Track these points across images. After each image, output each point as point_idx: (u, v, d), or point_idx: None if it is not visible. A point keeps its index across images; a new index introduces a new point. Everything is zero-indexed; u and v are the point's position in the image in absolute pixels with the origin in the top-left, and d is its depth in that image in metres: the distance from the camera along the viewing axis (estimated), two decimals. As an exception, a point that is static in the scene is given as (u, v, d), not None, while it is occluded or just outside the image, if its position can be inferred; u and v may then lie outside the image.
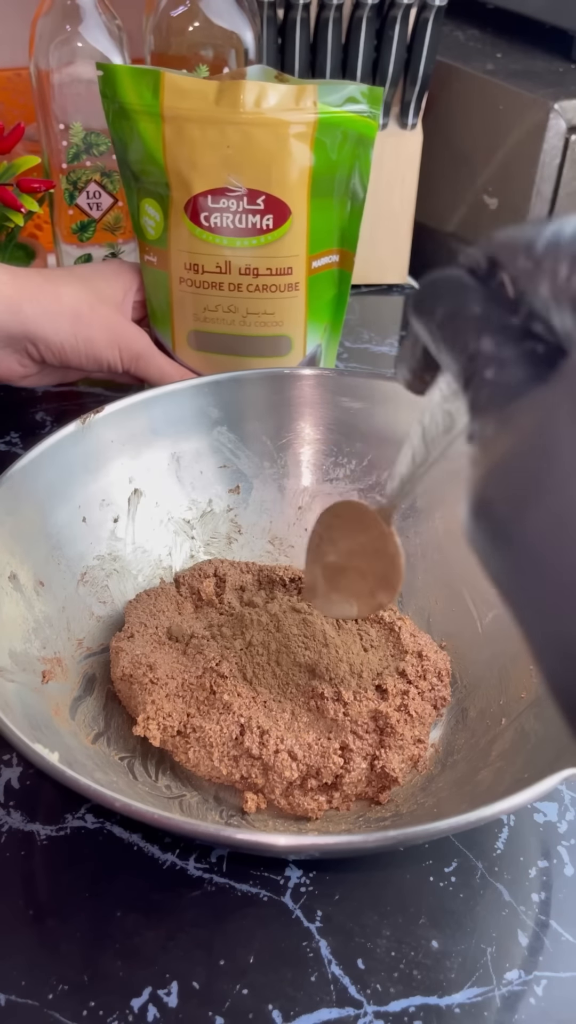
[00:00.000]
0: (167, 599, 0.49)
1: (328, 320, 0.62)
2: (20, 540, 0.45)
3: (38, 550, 0.46)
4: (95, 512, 0.50)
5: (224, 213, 0.55)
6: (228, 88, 0.52)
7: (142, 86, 0.53)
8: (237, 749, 0.41)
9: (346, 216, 0.58)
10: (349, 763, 0.41)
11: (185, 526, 0.53)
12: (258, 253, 0.56)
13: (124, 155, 0.57)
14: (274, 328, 0.59)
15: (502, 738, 0.42)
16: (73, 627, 0.46)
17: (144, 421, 0.52)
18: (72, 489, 0.49)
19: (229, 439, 0.54)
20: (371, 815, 0.41)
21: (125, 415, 0.51)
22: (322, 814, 0.41)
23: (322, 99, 0.52)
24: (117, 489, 0.51)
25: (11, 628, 0.42)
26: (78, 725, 0.42)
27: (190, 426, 0.53)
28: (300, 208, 0.55)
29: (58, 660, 0.44)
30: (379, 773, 0.41)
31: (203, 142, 0.53)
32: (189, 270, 0.57)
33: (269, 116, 0.52)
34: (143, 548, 0.52)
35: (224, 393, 0.54)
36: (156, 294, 0.60)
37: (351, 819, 0.41)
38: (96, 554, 0.49)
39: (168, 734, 0.42)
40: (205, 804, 0.42)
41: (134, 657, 0.44)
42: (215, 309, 0.58)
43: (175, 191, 0.55)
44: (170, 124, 0.53)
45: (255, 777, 0.41)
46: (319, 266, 0.58)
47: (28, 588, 0.45)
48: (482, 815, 0.32)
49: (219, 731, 0.41)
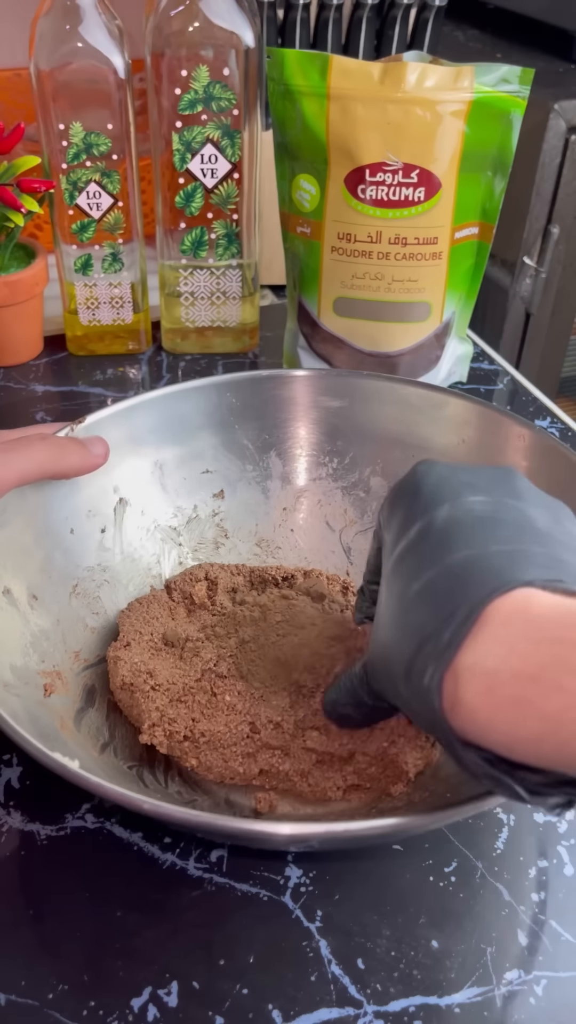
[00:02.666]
0: (159, 606, 0.49)
1: (465, 289, 0.65)
2: (11, 554, 0.45)
3: (30, 564, 0.46)
4: (82, 523, 0.50)
5: (380, 186, 0.58)
6: (392, 69, 0.55)
7: (310, 68, 0.57)
8: (252, 745, 0.41)
9: (489, 190, 0.61)
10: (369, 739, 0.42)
11: (172, 533, 0.53)
12: (407, 223, 0.59)
13: (283, 133, 0.61)
14: (416, 295, 0.62)
15: None
16: (69, 640, 0.46)
17: (126, 430, 0.51)
18: (59, 501, 0.49)
19: (211, 444, 0.54)
20: (383, 806, 0.41)
21: (107, 424, 0.50)
22: (339, 794, 0.41)
23: (478, 79, 0.56)
24: (103, 499, 0.51)
25: (9, 643, 0.42)
26: (84, 737, 0.42)
27: (171, 433, 0.53)
28: (449, 182, 0.59)
29: (58, 673, 0.44)
30: (391, 761, 0.41)
31: (365, 120, 0.56)
32: (342, 239, 0.61)
33: (429, 95, 0.55)
34: (132, 557, 0.52)
35: (204, 399, 0.54)
36: (307, 263, 0.64)
37: (363, 812, 0.41)
38: (86, 565, 0.49)
39: (175, 739, 0.42)
40: (217, 808, 0.42)
41: (132, 665, 0.44)
42: (363, 276, 0.62)
43: (334, 166, 0.59)
44: (335, 103, 0.57)
45: (278, 765, 0.41)
46: (461, 237, 0.62)
47: (22, 602, 0.44)
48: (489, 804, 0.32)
49: (228, 731, 0.41)
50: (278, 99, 0.59)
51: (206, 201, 0.66)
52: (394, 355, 0.64)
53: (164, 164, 0.64)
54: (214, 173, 0.65)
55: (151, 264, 0.73)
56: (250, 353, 0.75)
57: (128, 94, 0.62)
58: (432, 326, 0.64)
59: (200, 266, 0.69)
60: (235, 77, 0.61)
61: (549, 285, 1.05)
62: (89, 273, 0.69)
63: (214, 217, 0.67)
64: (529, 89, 0.58)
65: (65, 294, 0.71)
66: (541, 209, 1.01)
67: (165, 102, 0.62)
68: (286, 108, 0.59)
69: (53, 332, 0.75)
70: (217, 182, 0.65)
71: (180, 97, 0.61)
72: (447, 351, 0.67)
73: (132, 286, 0.70)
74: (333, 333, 0.65)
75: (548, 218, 1.02)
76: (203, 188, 0.65)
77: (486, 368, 0.75)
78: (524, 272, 1.04)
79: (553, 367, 1.15)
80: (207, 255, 0.69)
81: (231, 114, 0.62)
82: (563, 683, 0.27)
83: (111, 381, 0.71)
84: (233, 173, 0.65)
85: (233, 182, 0.65)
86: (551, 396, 0.73)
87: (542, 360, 1.13)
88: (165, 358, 0.74)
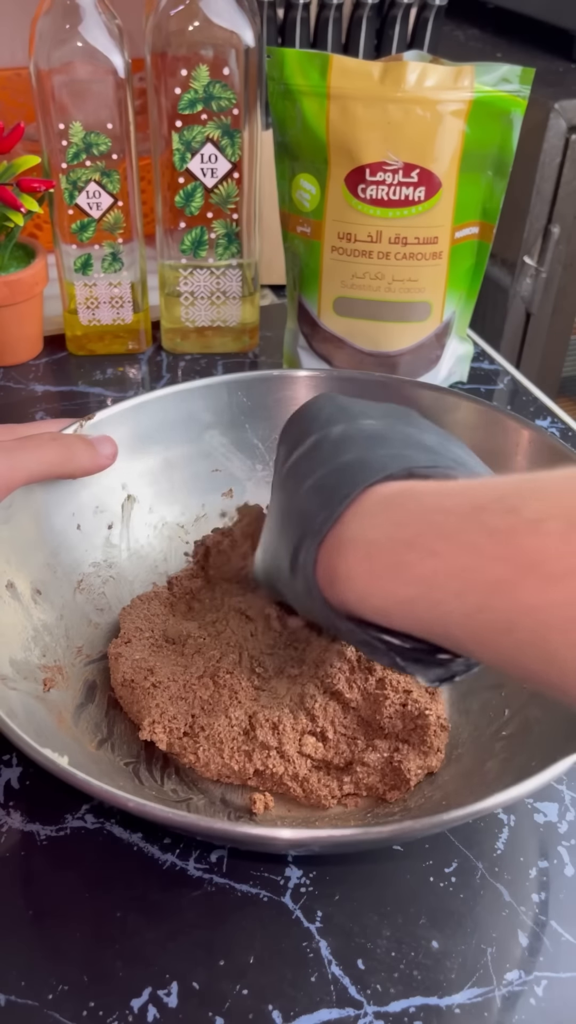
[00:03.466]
0: (160, 602, 0.49)
1: (465, 288, 0.65)
2: (16, 548, 0.45)
3: (35, 558, 0.46)
4: (89, 519, 0.50)
5: (380, 186, 0.58)
6: (392, 69, 0.55)
7: (310, 68, 0.57)
8: (249, 743, 0.41)
9: (490, 189, 0.61)
10: (370, 749, 0.41)
11: (180, 531, 0.53)
12: (408, 223, 0.60)
13: (283, 133, 0.61)
14: (416, 295, 0.62)
15: (506, 729, 0.42)
16: (72, 635, 0.46)
17: (136, 427, 0.51)
18: (66, 496, 0.49)
19: (221, 443, 0.54)
20: (379, 811, 0.41)
21: (117, 421, 0.50)
22: (334, 803, 0.41)
23: (478, 79, 0.56)
24: (111, 496, 0.51)
25: (10, 636, 0.42)
26: (81, 732, 0.42)
27: (182, 431, 0.53)
28: (450, 181, 0.59)
29: (59, 668, 0.44)
30: (395, 768, 0.41)
31: (365, 119, 0.56)
32: (342, 239, 0.61)
33: (429, 95, 0.55)
34: (138, 554, 0.52)
35: (214, 397, 0.54)
36: (307, 262, 0.64)
37: (359, 816, 0.41)
38: (92, 561, 0.49)
39: (175, 736, 0.42)
40: (212, 807, 0.42)
41: (133, 662, 0.44)
42: (363, 276, 0.62)
43: (334, 166, 0.59)
44: (335, 102, 0.57)
45: (273, 767, 0.41)
46: (461, 236, 0.62)
47: (26, 596, 0.45)
48: (489, 804, 0.32)
49: (228, 725, 0.41)
50: (278, 99, 0.60)
51: (206, 201, 0.66)
52: (394, 355, 0.64)
53: (164, 164, 0.64)
54: (214, 173, 0.65)
55: (151, 264, 0.73)
56: (250, 353, 0.75)
57: (128, 94, 0.62)
58: (432, 326, 0.64)
59: (200, 266, 0.69)
60: (235, 77, 0.61)
61: (549, 285, 1.05)
62: (89, 273, 0.69)
63: (214, 217, 0.67)
64: (529, 89, 0.58)
65: (65, 294, 0.71)
66: (541, 209, 1.01)
67: (165, 102, 0.62)
68: (286, 108, 0.59)
69: (53, 332, 0.75)
70: (217, 182, 0.65)
71: (180, 97, 0.61)
72: (447, 351, 0.67)
73: (132, 286, 0.70)
74: (333, 333, 0.65)
75: (548, 218, 1.02)
76: (203, 188, 0.65)
77: (486, 368, 0.75)
78: (524, 272, 1.04)
79: (553, 367, 1.15)
80: (207, 255, 0.69)
81: (231, 114, 0.62)
82: (436, 547, 0.29)
83: (111, 381, 0.71)
84: (233, 173, 0.65)
85: (233, 182, 0.65)
86: (551, 396, 0.73)
87: (542, 360, 1.13)
88: (165, 358, 0.74)
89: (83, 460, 0.46)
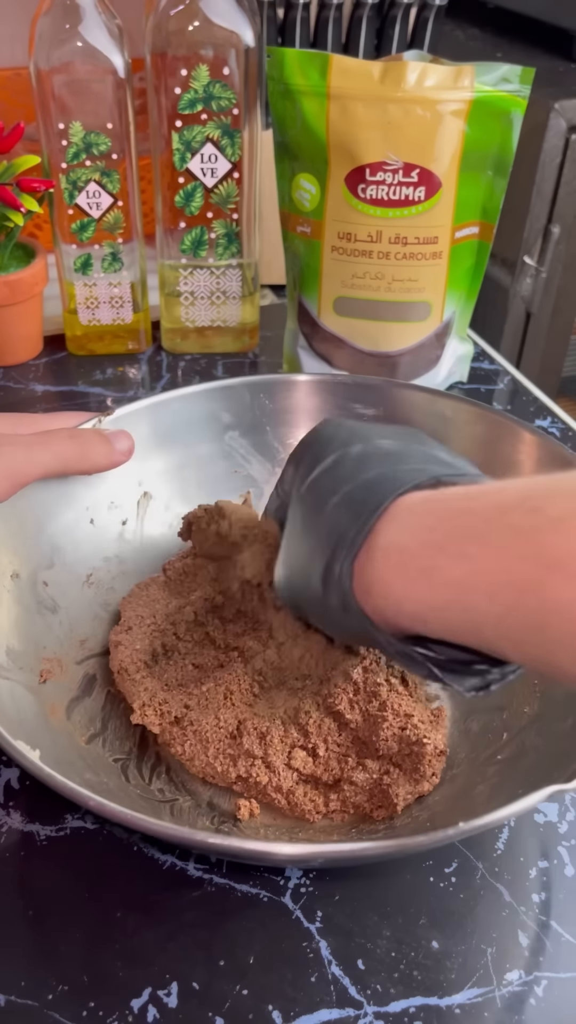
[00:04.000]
0: (158, 588, 0.49)
1: (465, 288, 0.66)
2: (25, 540, 0.45)
3: (42, 551, 0.46)
4: (103, 514, 0.50)
5: (380, 186, 0.58)
6: (392, 68, 0.55)
7: (310, 68, 0.57)
8: (234, 748, 0.41)
9: (490, 189, 0.62)
10: (360, 768, 0.41)
11: None
12: (408, 223, 0.60)
13: (283, 133, 0.61)
14: (416, 294, 0.62)
15: (502, 753, 0.42)
16: (76, 628, 0.46)
17: (155, 424, 0.51)
18: (80, 490, 0.49)
19: (240, 444, 0.54)
20: (365, 826, 0.41)
21: (136, 418, 0.50)
22: (319, 818, 0.41)
23: (478, 78, 0.56)
24: (126, 492, 0.51)
25: (10, 627, 0.42)
26: (74, 725, 0.42)
27: (201, 431, 0.53)
28: (450, 181, 0.59)
29: (58, 660, 0.44)
30: (383, 791, 0.41)
31: (365, 119, 0.56)
32: (342, 239, 0.61)
33: (429, 95, 0.55)
34: (152, 551, 0.51)
35: (235, 398, 0.53)
36: (307, 262, 0.64)
37: (344, 829, 0.41)
38: (103, 555, 0.49)
39: (166, 720, 0.42)
40: (197, 809, 0.41)
41: (133, 650, 0.44)
42: (363, 276, 0.62)
43: (334, 166, 0.59)
44: (335, 102, 0.57)
45: (257, 775, 0.40)
46: (461, 236, 0.62)
47: (30, 588, 0.45)
48: (474, 825, 0.32)
49: (215, 726, 0.41)
50: (278, 98, 0.59)
51: (206, 200, 0.66)
52: (394, 355, 0.64)
53: (164, 163, 0.64)
54: (214, 172, 0.65)
55: (151, 264, 0.73)
56: (250, 353, 0.75)
57: (128, 93, 0.62)
58: (432, 326, 0.64)
59: (200, 266, 0.69)
60: (235, 76, 0.61)
61: (550, 285, 1.05)
62: (89, 273, 0.69)
63: (214, 216, 0.67)
64: (529, 88, 0.58)
65: (65, 294, 0.71)
66: (541, 208, 1.01)
67: (165, 101, 0.62)
68: (286, 107, 0.59)
69: (53, 332, 0.75)
70: (217, 181, 0.65)
71: (180, 96, 0.61)
72: (447, 351, 0.67)
73: (132, 286, 0.70)
74: (333, 333, 0.65)
75: (548, 217, 1.02)
76: (203, 187, 0.65)
77: (486, 368, 0.75)
78: (524, 272, 1.04)
79: (553, 367, 1.15)
80: (207, 255, 0.69)
81: (231, 113, 0.62)
82: (467, 550, 0.29)
83: (111, 381, 0.71)
84: (233, 172, 0.65)
85: (233, 181, 0.65)
86: (551, 396, 0.73)
87: (542, 360, 1.13)
88: (165, 358, 0.74)
89: (98, 458, 0.47)
